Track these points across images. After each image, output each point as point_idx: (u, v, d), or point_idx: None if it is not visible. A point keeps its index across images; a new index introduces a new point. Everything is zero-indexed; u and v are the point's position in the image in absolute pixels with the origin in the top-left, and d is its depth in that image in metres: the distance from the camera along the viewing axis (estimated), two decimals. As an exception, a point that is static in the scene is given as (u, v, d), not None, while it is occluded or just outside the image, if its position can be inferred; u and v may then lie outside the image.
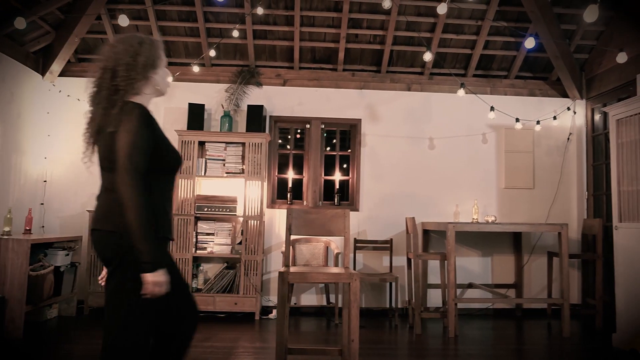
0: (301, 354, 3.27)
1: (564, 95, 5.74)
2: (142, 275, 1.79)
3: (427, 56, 4.83)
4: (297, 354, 3.31)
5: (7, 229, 4.36)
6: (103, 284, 1.99)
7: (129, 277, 1.83)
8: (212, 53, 5.16)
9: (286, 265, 3.31)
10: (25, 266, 4.03)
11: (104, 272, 2.03)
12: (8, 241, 4.05)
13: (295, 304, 5.38)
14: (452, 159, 5.67)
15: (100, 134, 1.94)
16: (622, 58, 4.39)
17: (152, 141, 1.91)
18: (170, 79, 4.61)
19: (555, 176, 5.68)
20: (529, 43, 4.13)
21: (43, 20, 4.97)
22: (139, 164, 1.82)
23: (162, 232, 1.95)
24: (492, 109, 5.34)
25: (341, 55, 5.53)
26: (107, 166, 1.92)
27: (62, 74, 5.49)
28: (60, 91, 5.45)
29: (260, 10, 4.62)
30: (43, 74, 5.36)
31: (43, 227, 5.34)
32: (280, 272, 2.95)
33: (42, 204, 5.34)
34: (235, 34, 4.84)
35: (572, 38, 5.40)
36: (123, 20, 4.57)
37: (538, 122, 5.51)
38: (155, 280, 1.79)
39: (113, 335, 1.83)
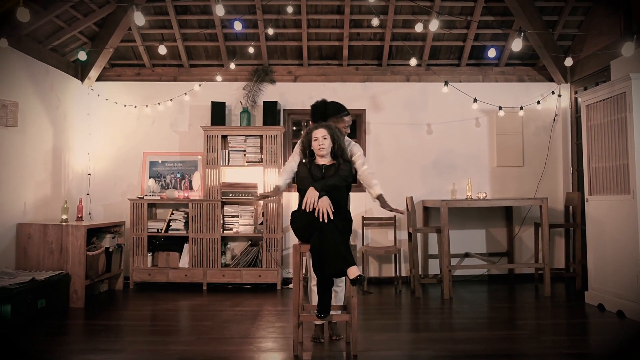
0: (313, 310, 3.98)
1: (550, 80, 6.27)
2: None
3: (413, 62, 5.54)
4: (310, 311, 4.02)
5: (64, 217, 5.14)
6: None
7: None
8: (232, 66, 5.76)
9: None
10: (83, 247, 4.81)
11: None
12: (68, 227, 4.83)
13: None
14: (448, 142, 6.27)
15: None
16: (568, 62, 5.12)
17: None
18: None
19: (543, 154, 6.25)
20: (491, 53, 4.70)
21: (81, 33, 5.67)
22: None
23: None
24: (475, 100, 5.94)
25: (345, 52, 6.14)
26: None
27: (98, 79, 6.22)
28: (98, 95, 6.19)
29: (270, 31, 5.29)
30: (82, 79, 6.10)
31: (90, 214, 6.13)
32: (294, 245, 3.65)
33: (87, 194, 6.12)
34: (251, 49, 5.54)
35: (555, 27, 5.92)
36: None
37: (521, 108, 6.09)
38: None
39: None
